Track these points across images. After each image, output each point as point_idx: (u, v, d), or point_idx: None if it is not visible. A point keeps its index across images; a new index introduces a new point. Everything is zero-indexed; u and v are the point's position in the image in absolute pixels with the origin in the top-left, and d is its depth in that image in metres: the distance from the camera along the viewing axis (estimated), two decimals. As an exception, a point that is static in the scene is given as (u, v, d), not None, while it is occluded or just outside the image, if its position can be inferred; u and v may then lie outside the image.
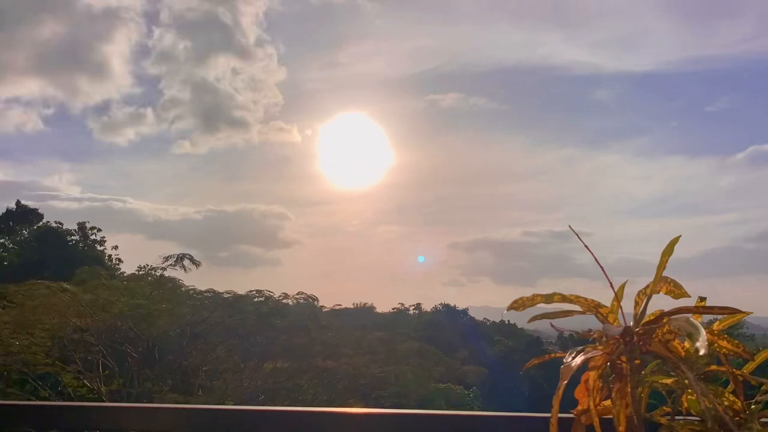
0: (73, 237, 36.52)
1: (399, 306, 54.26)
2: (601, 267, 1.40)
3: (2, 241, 36.43)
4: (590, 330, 1.48)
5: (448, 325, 49.11)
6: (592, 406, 1.30)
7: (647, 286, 1.40)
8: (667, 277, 1.46)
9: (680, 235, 1.38)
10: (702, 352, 1.10)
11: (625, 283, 1.47)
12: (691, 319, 1.23)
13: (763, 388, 1.45)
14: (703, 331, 1.14)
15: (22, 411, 2.37)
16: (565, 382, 1.24)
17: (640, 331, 1.29)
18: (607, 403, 1.40)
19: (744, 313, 1.35)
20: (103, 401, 15.99)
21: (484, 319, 62.39)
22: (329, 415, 2.15)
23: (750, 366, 1.46)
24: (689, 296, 1.47)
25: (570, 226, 1.50)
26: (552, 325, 1.47)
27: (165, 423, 2.19)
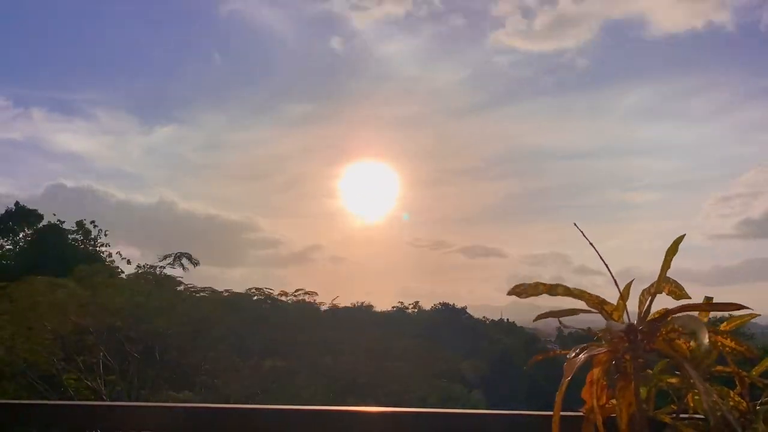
0: (72, 236, 36.43)
1: (398, 304, 54.19)
2: (607, 266, 1.39)
3: (1, 241, 36.35)
4: (589, 328, 1.47)
5: (447, 323, 49.08)
6: (595, 405, 1.28)
7: (651, 285, 1.39)
8: (668, 278, 1.46)
9: (684, 234, 1.37)
10: (704, 347, 1.09)
11: (631, 282, 1.46)
12: (694, 315, 1.22)
13: None
14: (704, 327, 1.13)
15: (23, 410, 2.37)
16: (569, 378, 1.23)
17: (644, 329, 1.28)
18: (615, 401, 1.40)
19: (751, 314, 1.35)
20: (104, 400, 15.97)
21: (483, 317, 62.35)
22: (329, 414, 2.15)
23: (759, 368, 1.47)
24: (690, 298, 1.48)
25: (575, 224, 1.47)
26: (560, 322, 1.47)
27: (165, 421, 2.19)
